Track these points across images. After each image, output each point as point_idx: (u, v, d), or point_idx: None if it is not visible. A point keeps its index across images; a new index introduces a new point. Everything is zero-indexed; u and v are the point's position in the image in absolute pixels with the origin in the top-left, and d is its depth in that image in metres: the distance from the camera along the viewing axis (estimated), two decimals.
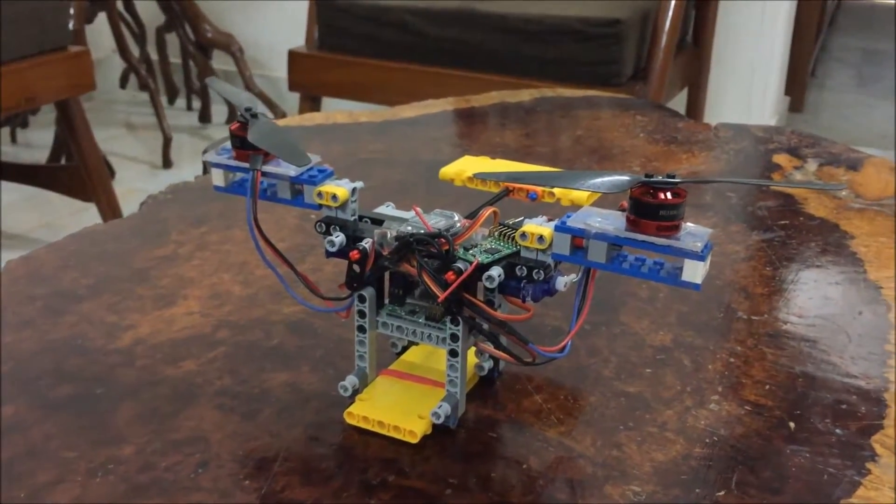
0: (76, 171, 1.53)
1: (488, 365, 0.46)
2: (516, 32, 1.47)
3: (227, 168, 0.44)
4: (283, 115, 2.02)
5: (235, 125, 0.43)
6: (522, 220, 0.41)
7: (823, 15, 2.88)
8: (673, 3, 1.49)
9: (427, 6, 1.53)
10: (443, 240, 0.39)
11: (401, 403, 0.43)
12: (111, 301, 0.54)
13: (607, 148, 0.83)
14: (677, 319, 0.53)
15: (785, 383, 0.47)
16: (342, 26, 1.60)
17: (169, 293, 0.55)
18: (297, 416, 0.44)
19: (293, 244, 0.62)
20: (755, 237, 0.65)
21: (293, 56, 1.66)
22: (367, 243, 0.41)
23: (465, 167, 0.46)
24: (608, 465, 0.41)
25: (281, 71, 2.11)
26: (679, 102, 1.85)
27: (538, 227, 0.39)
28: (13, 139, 2.16)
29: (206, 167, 0.54)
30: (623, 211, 0.38)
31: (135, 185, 1.91)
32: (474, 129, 0.90)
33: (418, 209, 0.41)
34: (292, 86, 1.68)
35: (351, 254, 0.41)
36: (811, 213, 0.69)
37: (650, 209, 0.36)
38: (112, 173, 1.89)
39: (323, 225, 0.43)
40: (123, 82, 2.39)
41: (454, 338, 0.41)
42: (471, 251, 0.40)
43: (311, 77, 1.66)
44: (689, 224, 0.37)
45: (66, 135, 1.52)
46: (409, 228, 0.40)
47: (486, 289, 0.40)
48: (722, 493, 0.39)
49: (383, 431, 0.42)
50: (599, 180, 0.38)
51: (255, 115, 0.42)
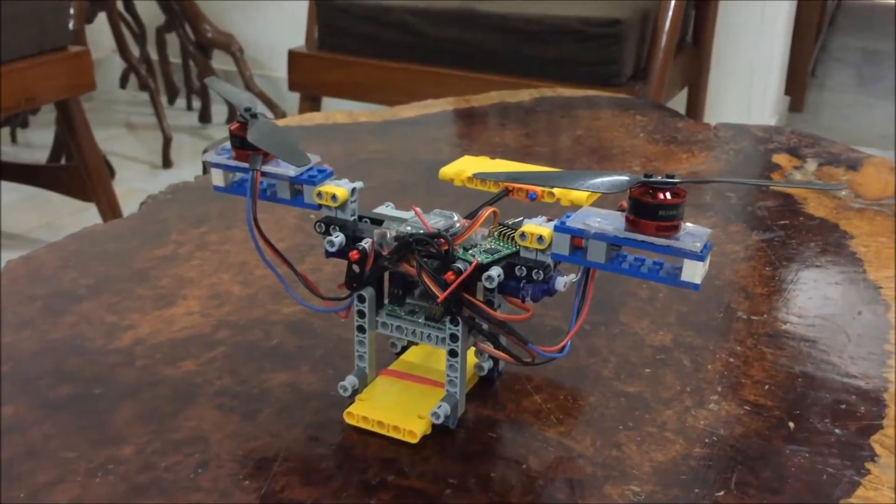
0: (76, 171, 1.53)
1: (488, 365, 0.46)
2: (516, 32, 1.47)
3: (226, 168, 0.44)
4: (283, 115, 2.02)
5: (235, 125, 0.43)
6: (522, 221, 0.41)
7: (823, 15, 2.88)
8: (673, 3, 1.49)
9: (427, 6, 1.53)
10: (442, 240, 0.39)
11: (400, 403, 0.43)
12: (111, 301, 0.54)
13: (607, 148, 0.83)
14: (677, 319, 0.53)
15: (784, 383, 0.47)
16: (342, 26, 1.60)
17: (169, 293, 0.55)
18: (296, 416, 0.44)
19: (293, 244, 0.62)
20: (755, 237, 0.65)
21: (293, 56, 1.66)
22: (366, 243, 0.41)
23: (465, 167, 0.46)
24: (608, 465, 0.41)
25: (281, 71, 2.12)
26: (679, 102, 1.85)
27: (538, 227, 0.39)
28: (13, 139, 2.16)
29: (206, 167, 0.54)
30: (622, 211, 0.38)
31: (135, 185, 1.91)
32: (474, 129, 0.90)
33: (418, 209, 0.41)
34: (292, 86, 1.68)
35: (350, 254, 0.41)
36: (811, 213, 0.69)
37: (649, 209, 0.36)
38: (112, 173, 1.89)
39: (322, 225, 0.43)
40: (123, 82, 2.39)
41: (454, 338, 0.41)
42: (470, 251, 0.40)
43: (311, 77, 1.66)
44: (688, 224, 0.37)
45: (66, 135, 1.52)
46: (409, 228, 0.40)
47: (486, 289, 0.40)
48: (721, 493, 0.39)
49: (383, 431, 0.42)
50: (599, 180, 0.38)
51: (254, 115, 0.42)
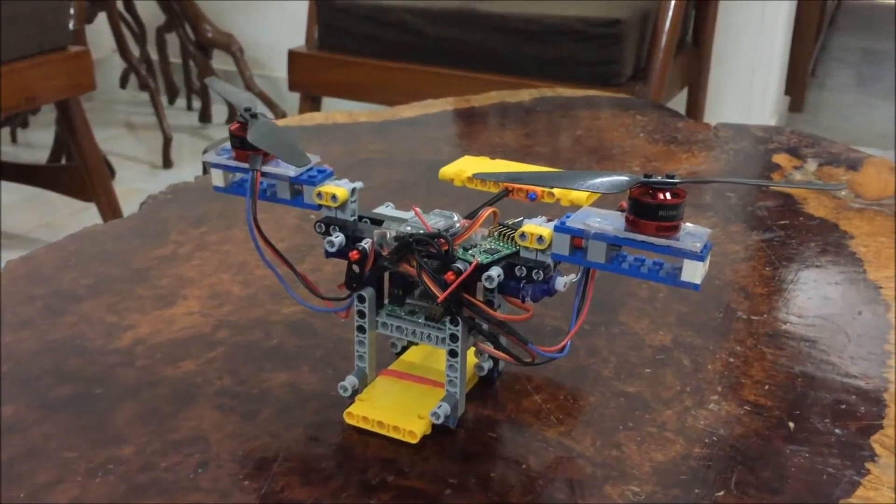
0: (76, 171, 1.53)
1: (488, 365, 0.46)
2: (516, 32, 1.47)
3: (226, 168, 0.44)
4: (283, 115, 2.02)
5: (235, 125, 0.43)
6: (522, 221, 0.41)
7: (823, 15, 2.88)
8: (673, 3, 1.49)
9: (427, 6, 1.53)
10: (442, 240, 0.39)
11: (400, 403, 0.43)
12: (111, 301, 0.54)
13: (607, 148, 0.83)
14: (677, 319, 0.53)
15: (784, 383, 0.47)
16: (342, 26, 1.60)
17: (168, 293, 0.55)
18: (296, 416, 0.44)
19: (293, 244, 0.62)
20: (755, 237, 0.65)
21: (293, 56, 1.66)
22: (366, 243, 0.41)
23: (465, 167, 0.46)
24: (608, 465, 0.41)
25: (281, 71, 2.11)
26: (679, 102, 1.85)
27: (537, 227, 0.39)
28: (13, 139, 2.16)
29: (206, 167, 0.54)
30: (622, 211, 0.38)
31: (135, 185, 1.91)
32: (474, 129, 0.90)
33: (418, 209, 0.41)
34: (292, 86, 1.68)
35: (350, 254, 0.41)
36: (811, 213, 0.69)
37: (649, 209, 0.36)
38: (112, 173, 1.89)
39: (322, 225, 0.43)
40: (123, 82, 2.39)
41: (454, 338, 0.41)
42: (470, 251, 0.40)
43: (311, 77, 1.66)
44: (688, 224, 0.37)
45: (66, 135, 1.52)
46: (409, 229, 0.40)
47: (486, 289, 0.40)
48: (721, 493, 0.39)
49: (383, 431, 0.42)
50: (599, 180, 0.38)
51: (254, 116, 0.42)
